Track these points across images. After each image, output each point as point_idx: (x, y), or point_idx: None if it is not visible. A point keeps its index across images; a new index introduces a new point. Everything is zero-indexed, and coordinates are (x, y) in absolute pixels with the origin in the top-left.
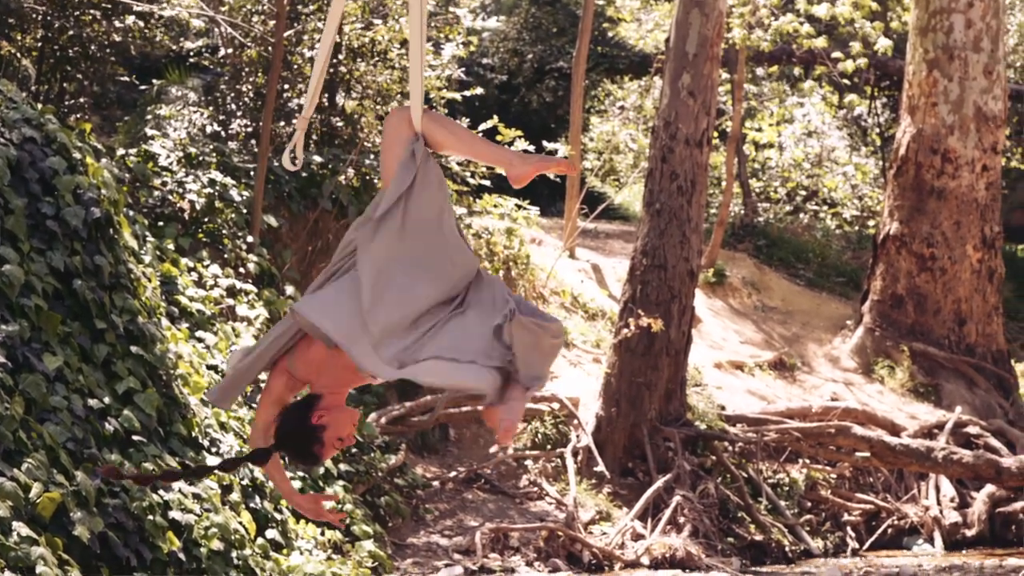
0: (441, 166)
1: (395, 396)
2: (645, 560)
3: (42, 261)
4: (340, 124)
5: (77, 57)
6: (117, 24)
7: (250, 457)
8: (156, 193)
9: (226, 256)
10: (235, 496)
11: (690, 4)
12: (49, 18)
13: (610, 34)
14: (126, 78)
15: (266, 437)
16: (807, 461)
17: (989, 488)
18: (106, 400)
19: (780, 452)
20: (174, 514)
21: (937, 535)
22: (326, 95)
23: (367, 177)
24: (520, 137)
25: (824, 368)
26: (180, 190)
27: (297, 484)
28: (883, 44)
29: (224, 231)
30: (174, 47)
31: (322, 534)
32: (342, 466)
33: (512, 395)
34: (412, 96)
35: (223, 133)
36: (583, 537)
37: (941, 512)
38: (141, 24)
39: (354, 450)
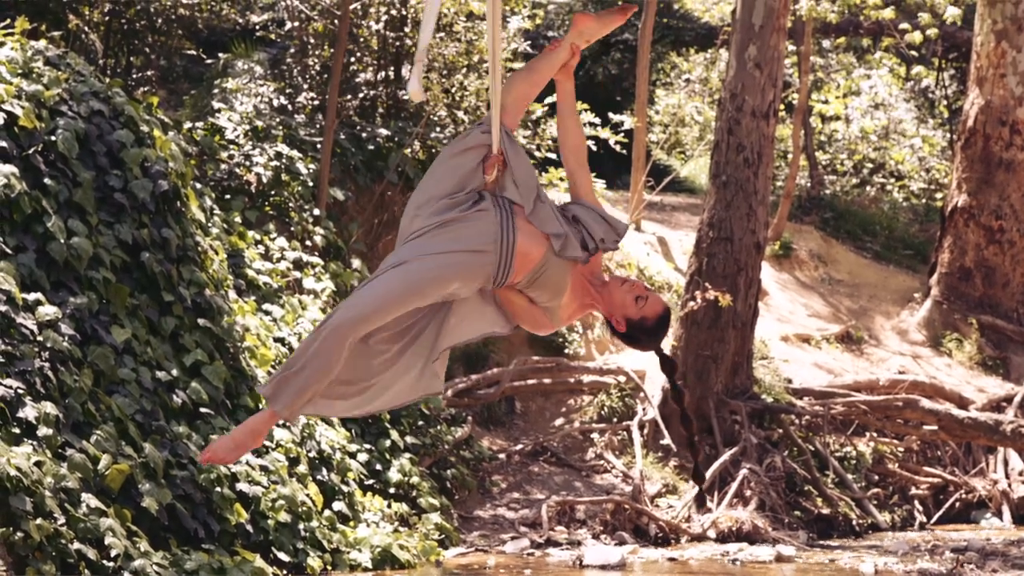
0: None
1: (461, 369)
2: (712, 533)
3: (110, 234)
4: (406, 97)
5: (144, 31)
6: None
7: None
8: (223, 166)
9: (293, 229)
10: (302, 468)
11: None
12: None
13: (676, 6)
14: (192, 52)
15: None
16: (874, 434)
17: None
18: (174, 372)
19: (847, 425)
20: (241, 486)
21: (1006, 509)
22: (392, 68)
23: (433, 150)
24: (586, 110)
25: (892, 341)
26: (247, 163)
27: (364, 457)
28: (951, 13)
29: (291, 204)
30: (240, 21)
31: (388, 506)
32: (408, 439)
33: None
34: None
35: (289, 106)
36: (649, 510)
37: (1009, 486)
38: None
39: (421, 423)
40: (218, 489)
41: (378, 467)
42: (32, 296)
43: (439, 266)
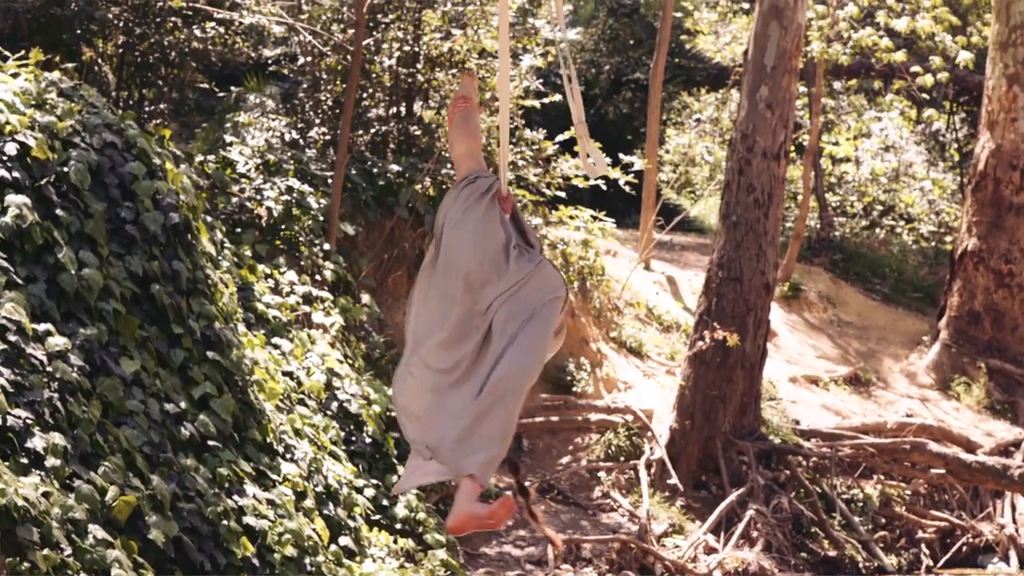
0: (518, 177)
1: None
2: (718, 574)
3: (121, 265)
4: (417, 133)
5: (157, 64)
6: (197, 32)
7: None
8: (234, 200)
9: (302, 263)
10: (309, 503)
11: (769, 17)
12: (130, 25)
13: (688, 46)
14: (205, 85)
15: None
16: (882, 477)
17: None
18: (182, 405)
19: (855, 467)
20: (248, 520)
21: (1012, 553)
22: (403, 104)
23: (444, 186)
24: (597, 148)
25: (900, 384)
26: (258, 197)
27: (371, 492)
28: (963, 57)
29: (301, 238)
30: (253, 55)
31: (395, 542)
32: None
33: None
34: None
35: (301, 141)
36: (656, 550)
37: (1016, 530)
38: (221, 31)
39: None
40: (225, 522)
41: (385, 502)
42: (42, 327)
43: None
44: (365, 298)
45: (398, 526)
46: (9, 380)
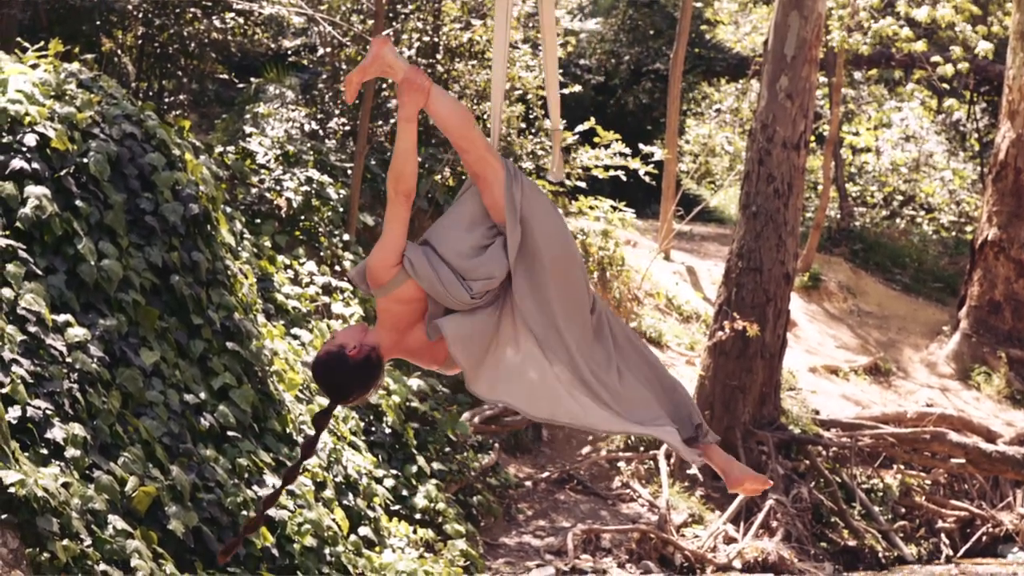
0: (537, 167)
1: None
2: (737, 564)
3: (140, 256)
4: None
5: (177, 55)
6: (217, 22)
7: (316, 426)
8: (254, 190)
9: (322, 254)
10: (329, 493)
11: (789, 7)
12: (150, 16)
13: (707, 36)
14: (224, 76)
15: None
16: (901, 467)
17: None
18: (202, 395)
19: (874, 457)
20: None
21: None
22: None
23: (463, 176)
24: (617, 139)
25: (920, 374)
26: (277, 188)
27: (390, 483)
28: (983, 47)
29: (320, 229)
30: (272, 46)
31: (414, 532)
32: (435, 465)
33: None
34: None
35: (320, 132)
36: (675, 540)
37: None
38: (240, 22)
39: (447, 449)
40: (244, 512)
41: (404, 493)
42: (62, 317)
43: None
44: None
45: (417, 516)
46: (29, 371)
